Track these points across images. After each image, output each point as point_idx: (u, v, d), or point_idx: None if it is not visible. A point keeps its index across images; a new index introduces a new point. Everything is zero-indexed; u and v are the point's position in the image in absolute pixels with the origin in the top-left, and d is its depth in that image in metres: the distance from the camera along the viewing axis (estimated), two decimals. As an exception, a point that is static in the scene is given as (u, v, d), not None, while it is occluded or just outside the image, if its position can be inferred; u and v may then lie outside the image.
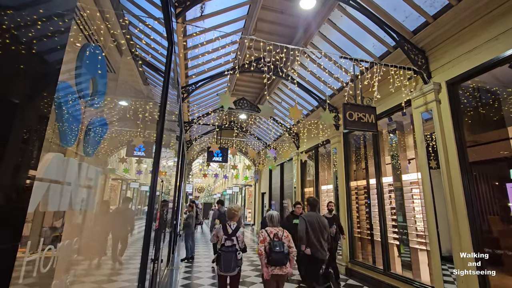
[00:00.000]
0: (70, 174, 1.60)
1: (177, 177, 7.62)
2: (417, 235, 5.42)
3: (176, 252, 8.92)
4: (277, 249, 3.30)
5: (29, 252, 1.22)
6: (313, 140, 8.79)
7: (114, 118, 3.18)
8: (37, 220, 1.48)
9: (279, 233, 3.49)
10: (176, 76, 4.87)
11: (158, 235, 3.69)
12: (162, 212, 4.76)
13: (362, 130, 4.37)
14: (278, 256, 3.27)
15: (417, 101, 4.66)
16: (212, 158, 8.84)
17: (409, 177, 5.75)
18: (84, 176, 1.81)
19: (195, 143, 11.90)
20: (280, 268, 3.31)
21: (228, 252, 3.39)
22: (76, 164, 1.67)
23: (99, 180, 2.11)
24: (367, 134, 6.93)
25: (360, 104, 4.44)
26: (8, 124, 0.72)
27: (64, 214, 1.81)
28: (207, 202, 32.20)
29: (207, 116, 9.90)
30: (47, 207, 1.40)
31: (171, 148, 5.92)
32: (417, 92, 4.63)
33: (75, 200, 1.68)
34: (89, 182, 1.93)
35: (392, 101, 5.33)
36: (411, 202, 5.64)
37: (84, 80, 1.68)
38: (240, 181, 20.67)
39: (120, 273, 3.15)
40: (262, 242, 3.42)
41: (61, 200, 1.51)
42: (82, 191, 1.82)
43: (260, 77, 9.33)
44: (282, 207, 11.73)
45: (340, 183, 7.10)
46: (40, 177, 1.28)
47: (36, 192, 1.28)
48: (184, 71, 6.46)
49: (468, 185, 3.88)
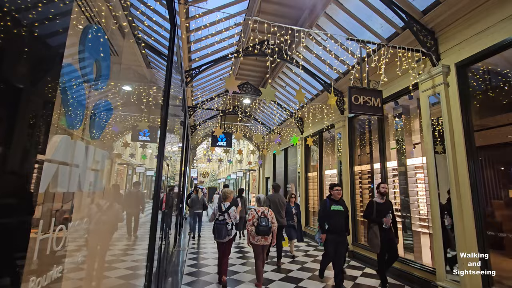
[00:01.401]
0: (78, 156, 1.63)
1: (182, 162, 7.71)
2: (420, 218, 5.47)
3: (183, 235, 9.16)
4: (263, 223, 4.29)
5: (41, 233, 1.26)
6: (317, 125, 8.74)
7: (118, 103, 3.18)
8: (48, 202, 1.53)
9: (265, 211, 4.44)
10: (179, 60, 4.81)
11: (165, 217, 3.78)
12: (168, 195, 4.85)
13: (368, 114, 4.33)
14: (264, 229, 4.27)
15: (425, 84, 4.56)
16: (216, 142, 8.88)
17: (414, 162, 5.74)
18: (91, 158, 1.84)
19: (199, 128, 11.92)
20: (265, 239, 4.32)
21: (220, 224, 4.45)
22: (83, 146, 1.70)
23: (106, 162, 2.14)
24: (372, 119, 6.86)
25: (366, 88, 4.36)
26: (14, 108, 0.72)
27: (74, 196, 1.86)
28: (211, 186, 32.65)
29: (211, 101, 9.85)
30: (57, 188, 1.44)
31: (176, 133, 5.96)
32: (425, 75, 4.52)
33: (83, 182, 1.71)
34: (96, 165, 1.96)
35: (398, 85, 5.23)
36: (415, 186, 5.66)
37: (88, 63, 1.67)
38: (244, 166, 20.83)
39: (134, 248, 3.46)
40: (251, 220, 4.36)
41: (70, 181, 1.55)
42: (90, 173, 1.86)
43: (264, 61, 9.17)
44: (286, 191, 11.85)
45: (344, 168, 7.12)
46: (49, 158, 1.31)
47: (46, 173, 1.31)
48: (187, 55, 6.38)
49: (473, 170, 3.86)
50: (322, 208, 4.74)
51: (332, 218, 4.52)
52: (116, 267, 3.33)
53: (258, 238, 4.29)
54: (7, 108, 0.73)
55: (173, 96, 4.26)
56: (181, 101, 6.46)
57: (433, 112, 4.62)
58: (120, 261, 3.49)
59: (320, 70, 7.44)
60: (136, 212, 3.43)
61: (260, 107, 11.32)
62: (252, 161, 16.36)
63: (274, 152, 13.27)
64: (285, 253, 6.76)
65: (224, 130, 8.49)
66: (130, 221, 3.34)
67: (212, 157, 26.26)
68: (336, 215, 4.53)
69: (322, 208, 4.70)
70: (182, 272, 5.11)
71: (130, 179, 5.79)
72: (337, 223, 4.52)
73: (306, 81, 8.33)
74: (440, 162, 4.43)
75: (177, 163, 7.18)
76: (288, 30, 4.22)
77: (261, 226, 4.26)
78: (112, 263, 2.83)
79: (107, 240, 2.92)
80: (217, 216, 4.50)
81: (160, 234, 3.33)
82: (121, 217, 3.18)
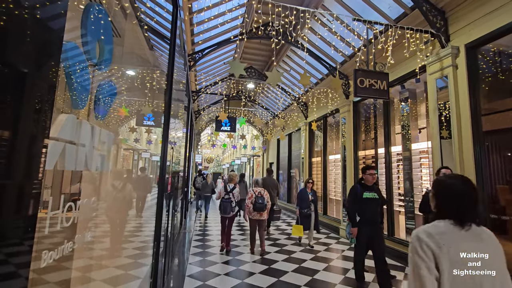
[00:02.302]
0: (84, 135, 1.66)
1: (186, 147, 7.77)
2: (423, 203, 5.50)
3: (188, 217, 9.37)
4: (260, 201, 5.07)
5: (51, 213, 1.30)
6: (322, 109, 8.67)
7: (123, 87, 3.17)
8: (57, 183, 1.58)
9: (261, 191, 5.24)
10: (182, 43, 4.76)
11: (170, 199, 3.87)
12: (174, 179, 4.93)
13: (373, 97, 4.28)
14: (260, 205, 5.06)
15: (433, 67, 4.46)
16: (220, 127, 8.88)
17: (419, 146, 5.70)
18: (97, 138, 1.87)
19: (203, 113, 11.91)
20: (260, 214, 5.15)
21: (225, 202, 5.24)
22: (88, 126, 1.73)
23: (112, 143, 2.18)
24: (377, 103, 6.77)
25: (372, 70, 4.28)
26: (18, 93, 0.73)
27: (82, 175, 1.91)
28: (216, 171, 32.99)
29: (215, 86, 9.79)
30: (64, 166, 1.48)
31: (180, 118, 5.97)
32: (433, 57, 4.41)
33: (90, 161, 1.75)
34: (102, 145, 2.00)
35: (405, 68, 5.12)
36: (419, 171, 5.65)
37: (90, 44, 1.67)
38: (248, 151, 20.92)
39: (142, 229, 3.64)
40: (250, 198, 5.19)
41: (77, 161, 1.59)
42: (96, 153, 1.90)
43: (268, 44, 9.00)
44: (290, 177, 11.94)
45: (348, 153, 7.11)
46: (55, 137, 1.34)
47: (52, 151, 1.34)
48: (190, 38, 6.28)
49: (479, 155, 3.83)
50: (351, 196, 3.88)
51: (365, 208, 3.72)
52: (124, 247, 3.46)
53: (254, 213, 5.15)
54: (13, 93, 0.74)
55: (177, 80, 4.25)
56: (185, 85, 6.44)
57: (440, 96, 4.53)
58: (128, 241, 3.63)
59: (325, 53, 7.30)
60: (143, 196, 3.55)
61: (264, 91, 11.23)
62: (256, 147, 16.41)
63: (278, 137, 13.27)
64: (304, 246, 5.96)
65: (228, 114, 8.46)
66: (137, 204, 3.51)
67: (217, 143, 26.37)
68: (370, 204, 3.73)
69: (352, 196, 3.86)
70: (188, 252, 5.27)
71: (136, 164, 5.89)
72: (371, 214, 3.74)
73: (311, 64, 8.19)
74: (445, 148, 4.39)
75: (181, 148, 7.25)
76: (293, 10, 4.12)
77: (258, 203, 5.05)
78: (121, 243, 2.94)
79: (120, 220, 3.05)
80: (223, 195, 5.28)
81: (166, 215, 3.42)
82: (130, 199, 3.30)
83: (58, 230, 1.34)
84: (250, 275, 4.20)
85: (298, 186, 10.83)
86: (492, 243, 1.24)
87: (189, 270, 4.29)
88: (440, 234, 1.21)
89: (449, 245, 1.18)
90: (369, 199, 3.74)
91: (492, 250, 1.21)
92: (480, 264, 1.16)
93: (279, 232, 7.42)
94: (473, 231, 1.23)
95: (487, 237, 1.25)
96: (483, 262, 1.17)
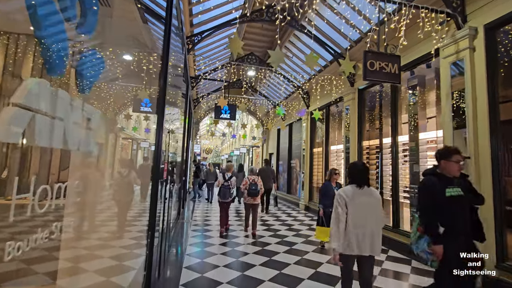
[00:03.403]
0: (61, 107, 1.41)
1: (185, 135, 7.51)
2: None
3: (186, 207, 9.20)
4: (253, 188, 5.66)
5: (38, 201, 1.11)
6: (324, 98, 8.37)
7: (118, 70, 2.90)
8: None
9: (255, 179, 5.80)
10: (179, 22, 4.44)
11: (166, 187, 3.64)
12: (171, 167, 4.70)
13: (384, 82, 4.02)
14: (253, 191, 5.66)
15: (447, 50, 4.18)
16: (220, 115, 8.60)
17: (426, 136, 5.48)
18: (79, 113, 1.61)
19: (203, 101, 11.60)
20: (253, 199, 5.75)
21: (224, 188, 5.83)
22: (67, 96, 1.46)
23: (99, 121, 1.94)
24: (383, 91, 6.51)
25: (383, 52, 4.01)
26: None
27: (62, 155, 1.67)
28: (214, 162, 32.85)
29: (215, 72, 9.46)
30: (35, 140, 1.23)
31: (177, 105, 5.68)
32: (448, 39, 4.13)
33: (71, 139, 1.50)
34: (87, 122, 1.74)
35: (417, 52, 4.83)
36: (425, 162, 5.44)
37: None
38: (247, 142, 20.69)
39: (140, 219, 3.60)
40: (244, 184, 5.75)
41: (53, 136, 1.34)
42: (79, 130, 1.64)
43: (270, 30, 8.65)
44: (290, 167, 11.74)
45: (352, 142, 6.88)
46: (18, 102, 1.09)
47: (15, 118, 1.09)
48: (189, 18, 5.94)
49: (496, 145, 3.60)
50: (425, 194, 2.51)
51: (451, 213, 2.38)
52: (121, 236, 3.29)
53: (248, 198, 5.74)
54: None
55: (174, 65, 3.96)
56: (183, 70, 6.13)
57: (452, 85, 4.27)
58: (126, 231, 3.45)
59: (330, 38, 6.98)
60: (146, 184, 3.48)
61: (265, 78, 10.91)
62: (256, 137, 16.16)
63: (278, 128, 13.02)
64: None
65: (228, 102, 8.18)
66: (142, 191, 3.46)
67: (216, 133, 26.10)
68: (457, 206, 2.40)
69: (427, 194, 2.48)
70: (186, 242, 5.09)
71: (135, 153, 5.67)
72: (461, 221, 2.41)
73: (315, 50, 7.86)
74: (456, 138, 4.16)
75: (179, 136, 6.99)
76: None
77: (251, 190, 5.65)
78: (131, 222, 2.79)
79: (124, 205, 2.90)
80: (223, 183, 5.88)
81: (161, 204, 3.20)
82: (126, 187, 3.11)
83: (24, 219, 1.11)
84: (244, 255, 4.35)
85: (298, 176, 10.64)
86: (374, 195, 2.53)
87: (186, 262, 4.10)
88: (348, 191, 2.47)
89: (352, 196, 2.44)
90: (455, 198, 2.40)
91: (373, 198, 2.49)
92: (366, 205, 2.45)
93: (280, 223, 7.26)
94: (365, 190, 2.49)
95: (373, 193, 2.53)
96: (367, 204, 2.45)
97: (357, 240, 2.37)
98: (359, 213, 2.40)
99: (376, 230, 2.43)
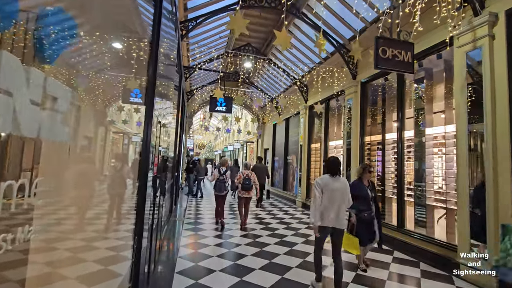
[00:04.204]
0: (8, 76, 1.01)
1: (177, 129, 7.09)
2: (435, 192, 5.08)
3: (179, 204, 8.81)
4: (247, 182, 5.92)
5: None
6: (324, 92, 8.04)
7: (106, 57, 2.50)
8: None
9: (249, 174, 6.04)
10: (173, 6, 4.02)
11: (157, 184, 3.27)
12: (162, 162, 4.33)
13: (397, 71, 3.72)
14: (247, 185, 5.93)
15: (463, 38, 3.89)
16: (215, 107, 8.19)
17: (433, 131, 5.23)
18: (39, 89, 1.22)
19: (197, 94, 11.15)
20: (247, 193, 5.99)
21: (220, 182, 6.07)
22: (16, 62, 1.07)
23: (70, 102, 1.55)
24: (386, 84, 6.22)
25: (395, 39, 3.69)
26: None
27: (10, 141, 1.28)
28: (208, 157, 32.36)
29: (211, 63, 9.02)
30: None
31: (169, 97, 5.25)
32: (464, 27, 3.83)
33: (26, 123, 1.11)
34: (52, 103, 1.35)
35: (427, 41, 4.53)
36: (431, 158, 5.20)
37: None
38: (241, 137, 20.31)
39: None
40: (238, 179, 6.00)
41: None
42: (38, 112, 1.24)
43: (268, 19, 8.26)
44: (286, 163, 11.44)
45: (354, 137, 6.59)
46: None
47: None
48: (183, 2, 5.51)
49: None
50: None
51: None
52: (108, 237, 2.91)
53: (243, 192, 5.98)
54: None
55: (165, 51, 3.57)
56: (176, 58, 5.70)
57: (467, 76, 3.99)
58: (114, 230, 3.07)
59: (332, 28, 6.63)
60: None
61: (262, 70, 10.52)
62: (251, 132, 15.79)
63: (274, 123, 12.68)
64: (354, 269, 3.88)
65: (224, 93, 7.77)
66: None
67: (209, 129, 25.61)
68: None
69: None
70: (178, 242, 4.72)
71: (126, 148, 5.24)
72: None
73: (315, 41, 7.52)
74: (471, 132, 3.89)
75: (171, 130, 6.57)
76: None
77: (245, 184, 5.91)
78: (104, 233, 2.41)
79: None
80: (218, 177, 6.06)
81: (151, 202, 2.83)
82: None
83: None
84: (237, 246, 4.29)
85: (295, 173, 10.35)
86: (343, 182, 3.18)
87: (179, 266, 3.75)
88: (325, 179, 3.13)
89: (327, 182, 3.10)
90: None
91: (342, 185, 3.13)
92: (336, 189, 3.07)
93: (277, 221, 6.96)
94: (337, 178, 3.14)
95: (342, 180, 3.19)
96: (338, 189, 3.07)
97: (328, 215, 3.07)
98: (331, 195, 3.07)
99: (342, 208, 3.12)
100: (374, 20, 5.66)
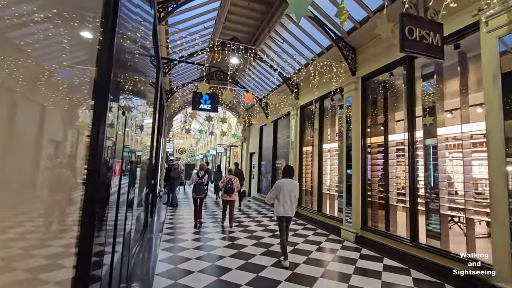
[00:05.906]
0: None
1: (154, 131, 6.13)
2: (450, 200, 4.51)
3: (156, 216, 7.75)
4: (229, 186, 6.46)
5: None
6: (318, 90, 7.35)
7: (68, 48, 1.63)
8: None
9: (232, 178, 6.58)
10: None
11: (120, 191, 2.38)
12: (132, 168, 3.41)
13: (425, 55, 3.06)
14: (229, 189, 6.46)
15: (494, 21, 3.34)
16: (199, 105, 7.29)
17: (445, 132, 4.69)
18: None
19: (177, 91, 10.17)
20: (229, 196, 6.50)
21: (199, 185, 6.59)
22: None
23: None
24: (391, 79, 5.66)
25: (423, 17, 3.05)
26: None
27: None
28: (189, 163, 30.97)
29: (194, 58, 8.14)
30: None
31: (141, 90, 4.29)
32: (499, 7, 3.28)
33: None
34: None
35: (456, 23, 3.91)
36: (444, 162, 4.65)
37: None
38: (224, 140, 19.38)
39: None
40: (223, 182, 6.56)
41: None
42: None
43: (257, 11, 7.55)
44: (274, 168, 10.67)
45: (355, 139, 5.96)
46: None
47: None
48: (161, -24, 4.64)
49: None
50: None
51: None
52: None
53: (225, 195, 6.50)
54: None
55: (134, 29, 2.71)
56: (152, 44, 4.80)
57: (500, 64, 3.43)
58: None
59: (330, 19, 6.01)
60: None
61: (250, 66, 9.75)
62: (236, 134, 14.90)
63: (262, 125, 11.93)
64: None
65: (210, 89, 6.91)
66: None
67: (190, 132, 24.43)
68: None
69: None
70: (153, 270, 3.76)
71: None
72: None
73: (309, 34, 6.89)
74: (509, 130, 3.33)
75: (146, 130, 5.60)
76: None
77: (227, 187, 6.44)
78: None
79: None
80: (197, 180, 6.59)
81: (111, 222, 1.93)
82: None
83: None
84: None
85: (285, 178, 9.61)
86: (294, 184, 4.53)
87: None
88: (282, 182, 4.43)
89: (283, 184, 4.40)
90: None
91: (294, 186, 4.47)
92: (289, 190, 4.38)
93: (270, 233, 6.15)
94: (290, 181, 4.50)
95: (294, 183, 4.54)
96: (290, 190, 4.39)
97: (284, 208, 4.29)
98: (285, 193, 4.30)
99: (292, 202, 4.37)
100: (368, 16, 5.10)
